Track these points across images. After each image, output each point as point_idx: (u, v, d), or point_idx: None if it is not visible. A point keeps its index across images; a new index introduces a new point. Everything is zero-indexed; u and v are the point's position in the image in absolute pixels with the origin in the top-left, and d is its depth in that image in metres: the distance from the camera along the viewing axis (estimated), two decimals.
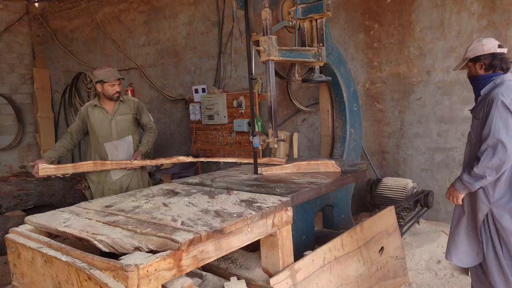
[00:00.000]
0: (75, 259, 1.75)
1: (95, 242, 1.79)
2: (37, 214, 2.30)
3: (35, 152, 9.04)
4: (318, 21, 3.20)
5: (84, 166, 3.48)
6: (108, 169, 3.59)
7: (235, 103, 5.83)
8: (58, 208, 2.49)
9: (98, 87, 3.71)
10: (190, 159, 3.35)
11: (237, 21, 3.21)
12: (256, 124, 5.34)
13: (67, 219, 2.16)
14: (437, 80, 4.42)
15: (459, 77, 4.28)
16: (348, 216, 3.70)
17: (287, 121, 5.66)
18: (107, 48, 7.81)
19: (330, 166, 3.24)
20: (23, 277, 2.11)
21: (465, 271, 3.49)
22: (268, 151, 5.77)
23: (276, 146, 2.97)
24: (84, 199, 5.36)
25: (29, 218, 2.25)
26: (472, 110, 2.57)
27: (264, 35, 2.76)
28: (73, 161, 8.84)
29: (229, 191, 2.64)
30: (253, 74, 3.02)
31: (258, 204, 2.26)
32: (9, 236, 2.17)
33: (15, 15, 8.62)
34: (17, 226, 2.26)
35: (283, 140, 3.67)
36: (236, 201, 2.37)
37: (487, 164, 2.24)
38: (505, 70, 2.45)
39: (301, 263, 2.41)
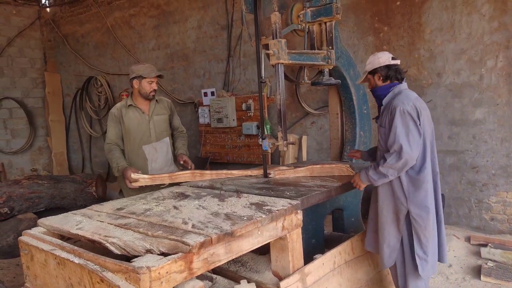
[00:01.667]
0: (87, 261, 1.77)
1: (107, 245, 1.81)
2: (50, 217, 2.33)
3: (46, 155, 9.15)
4: (328, 24, 3.20)
5: (181, 176, 3.18)
6: (207, 179, 3.23)
7: (244, 106, 5.85)
8: (69, 210, 2.52)
9: (135, 83, 3.50)
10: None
11: (247, 24, 3.21)
12: (265, 127, 5.35)
13: (79, 222, 2.18)
14: (448, 83, 4.39)
15: (470, 79, 4.25)
16: (358, 219, 3.68)
17: (296, 124, 5.66)
18: (117, 52, 7.89)
19: (344, 169, 3.19)
20: (36, 279, 2.14)
21: (477, 275, 3.45)
22: (277, 154, 5.78)
23: (285, 149, 2.97)
24: (95, 201, 5.42)
25: (42, 220, 2.27)
26: (376, 119, 2.76)
27: (273, 39, 2.77)
28: (83, 165, 8.94)
29: (239, 194, 2.64)
30: (263, 77, 3.03)
31: (268, 207, 2.26)
32: (23, 238, 2.20)
33: (27, 20, 8.77)
34: (29, 229, 2.29)
35: (293, 143, 3.66)
36: (246, 204, 2.37)
37: (392, 165, 2.48)
38: (400, 80, 2.69)
39: (311, 266, 2.40)
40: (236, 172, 3.33)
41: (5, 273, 4.22)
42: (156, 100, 3.67)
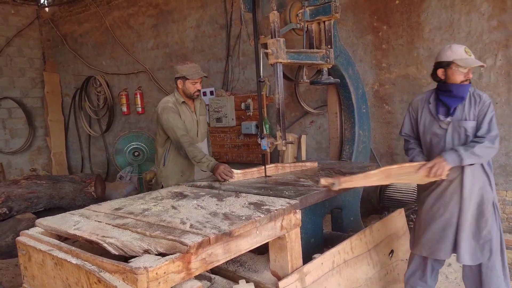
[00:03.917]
0: (85, 262, 1.76)
1: (105, 245, 1.80)
2: (48, 217, 2.32)
3: (45, 155, 9.14)
4: (326, 23, 3.19)
5: (268, 170, 3.23)
6: (286, 172, 3.32)
7: (243, 105, 5.84)
8: (68, 210, 2.51)
9: (179, 83, 3.47)
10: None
11: (245, 23, 3.21)
12: (264, 127, 5.34)
13: (77, 222, 2.17)
14: None
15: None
16: (357, 218, 3.68)
17: (295, 123, 5.66)
18: (116, 51, 7.88)
19: (417, 166, 2.55)
20: (33, 280, 2.13)
21: None
22: (276, 154, 5.77)
23: (284, 148, 2.96)
24: (94, 201, 5.41)
25: (40, 221, 2.26)
26: (451, 114, 2.55)
27: (272, 38, 2.76)
28: (82, 164, 8.92)
29: (238, 193, 2.64)
30: (261, 77, 3.02)
31: (267, 207, 2.25)
32: (20, 238, 2.19)
33: (26, 20, 8.75)
34: (27, 229, 2.27)
35: (291, 143, 3.65)
36: (245, 203, 2.36)
37: (487, 150, 2.45)
38: None
39: (310, 266, 2.39)
40: (309, 164, 3.49)
41: (4, 274, 4.21)
42: (200, 99, 3.68)
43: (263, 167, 3.23)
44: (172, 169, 3.56)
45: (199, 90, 3.53)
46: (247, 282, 2.23)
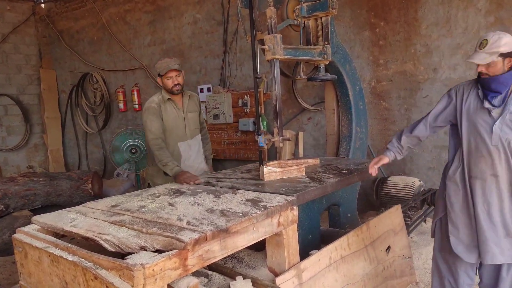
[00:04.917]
0: (81, 259, 1.76)
1: (101, 242, 1.80)
2: (44, 214, 2.31)
3: (42, 152, 9.10)
4: (323, 19, 3.18)
5: (305, 166, 3.19)
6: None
7: (240, 102, 5.82)
8: (65, 208, 2.50)
9: (159, 81, 3.46)
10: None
11: (242, 19, 3.20)
12: (261, 123, 5.32)
13: (73, 219, 2.17)
14: (444, 78, 4.39)
15: (466, 74, 4.24)
16: (354, 215, 3.68)
17: (292, 120, 5.65)
18: (113, 48, 7.84)
19: None
20: (30, 277, 2.13)
21: None
22: (273, 150, 5.77)
23: (281, 145, 2.96)
24: (91, 198, 5.40)
25: (36, 218, 2.26)
26: (496, 107, 2.31)
27: (269, 34, 2.75)
28: (79, 162, 8.89)
29: (235, 190, 2.64)
30: (258, 73, 3.02)
31: (264, 203, 2.25)
32: (16, 236, 2.18)
33: (22, 16, 8.68)
34: (24, 226, 2.27)
35: (289, 139, 3.66)
36: (242, 200, 2.36)
37: None
38: None
39: (307, 262, 2.40)
40: (311, 161, 3.53)
41: (1, 271, 4.20)
42: (189, 95, 3.63)
43: (303, 165, 3.16)
44: (158, 168, 3.46)
45: (178, 84, 3.41)
46: (244, 278, 2.23)
